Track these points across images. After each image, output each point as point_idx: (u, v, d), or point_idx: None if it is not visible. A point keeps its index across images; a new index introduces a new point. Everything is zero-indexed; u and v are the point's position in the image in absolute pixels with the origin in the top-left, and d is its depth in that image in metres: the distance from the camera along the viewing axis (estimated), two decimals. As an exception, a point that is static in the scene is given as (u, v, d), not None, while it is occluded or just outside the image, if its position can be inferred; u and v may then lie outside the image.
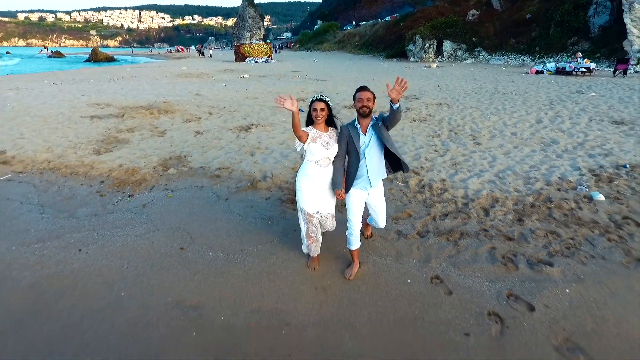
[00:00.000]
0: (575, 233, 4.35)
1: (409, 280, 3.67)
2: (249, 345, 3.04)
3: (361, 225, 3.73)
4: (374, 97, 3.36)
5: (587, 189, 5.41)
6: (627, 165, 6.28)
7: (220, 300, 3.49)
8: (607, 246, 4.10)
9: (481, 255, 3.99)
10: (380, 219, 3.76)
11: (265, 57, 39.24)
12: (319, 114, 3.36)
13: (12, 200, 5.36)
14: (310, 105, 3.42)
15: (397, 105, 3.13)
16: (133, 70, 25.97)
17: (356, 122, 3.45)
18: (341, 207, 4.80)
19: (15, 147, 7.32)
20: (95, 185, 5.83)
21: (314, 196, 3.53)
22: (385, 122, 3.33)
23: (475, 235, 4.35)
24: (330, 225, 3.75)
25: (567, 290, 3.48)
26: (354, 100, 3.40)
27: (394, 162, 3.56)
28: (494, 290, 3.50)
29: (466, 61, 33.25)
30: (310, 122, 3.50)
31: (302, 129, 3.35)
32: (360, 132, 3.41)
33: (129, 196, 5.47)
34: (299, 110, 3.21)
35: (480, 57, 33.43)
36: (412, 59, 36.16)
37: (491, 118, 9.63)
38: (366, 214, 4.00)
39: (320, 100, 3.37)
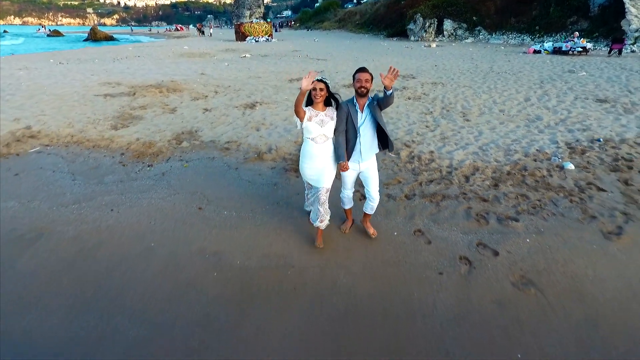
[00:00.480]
0: (542, 196, 4.99)
1: (395, 233, 4.33)
2: (261, 282, 3.72)
3: (353, 190, 4.28)
4: (372, 78, 3.62)
5: (560, 160, 6.03)
6: (601, 139, 6.87)
7: (235, 248, 4.15)
8: (568, 206, 4.75)
9: (458, 214, 4.64)
10: (372, 190, 4.07)
11: (266, 36, 39.24)
12: (318, 93, 3.58)
13: (45, 169, 6.00)
14: None
15: (391, 91, 3.45)
16: (135, 50, 26.23)
17: (355, 100, 3.75)
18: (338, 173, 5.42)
19: (38, 122, 7.91)
20: (117, 157, 6.46)
21: (312, 170, 3.90)
22: (380, 103, 3.73)
23: (455, 197, 4.99)
24: (324, 198, 3.94)
25: (528, 240, 4.14)
26: (353, 80, 3.66)
27: (382, 141, 3.93)
28: (466, 240, 4.17)
29: (466, 40, 33.34)
30: (309, 101, 3.80)
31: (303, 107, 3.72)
32: (358, 110, 3.72)
33: (149, 166, 6.10)
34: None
35: (480, 36, 33.50)
36: (412, 38, 36.19)
37: (482, 96, 10.16)
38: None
39: (320, 81, 3.60)
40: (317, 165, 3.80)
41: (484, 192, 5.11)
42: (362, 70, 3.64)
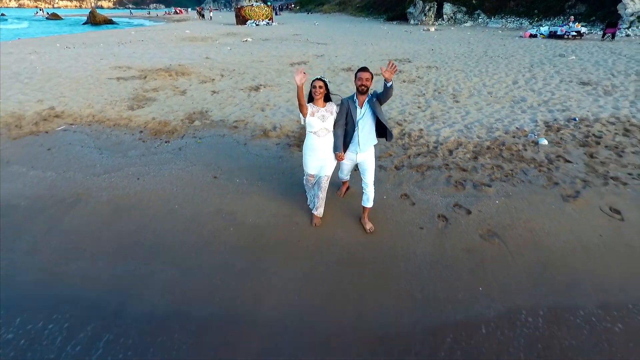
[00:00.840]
0: (515, 166, 5.68)
1: (384, 197, 5.03)
2: (270, 235, 4.45)
3: (349, 176, 4.88)
4: (372, 77, 3.94)
5: (536, 136, 6.69)
6: (577, 119, 7.51)
7: (248, 209, 4.87)
8: (536, 175, 5.44)
9: (440, 181, 5.34)
10: (368, 179, 4.46)
11: (267, 20, 39.33)
12: (317, 91, 3.97)
13: (74, 144, 6.68)
14: (311, 84, 4.06)
15: (390, 83, 3.75)
16: (138, 34, 26.58)
17: (355, 97, 4.10)
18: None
19: (60, 103, 8.55)
20: (136, 134, 7.13)
21: (315, 161, 4.40)
22: (379, 98, 3.98)
23: (438, 168, 5.68)
24: (324, 185, 4.36)
25: (497, 202, 4.85)
26: (355, 78, 3.99)
27: (381, 131, 4.22)
28: (444, 202, 4.88)
29: (465, 24, 33.55)
30: (310, 98, 4.09)
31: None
32: (357, 106, 4.07)
33: (166, 142, 6.77)
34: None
35: (480, 20, 33.71)
36: (412, 21, 36.36)
37: (473, 79, 10.74)
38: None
39: (320, 79, 4.01)
40: (320, 156, 4.23)
41: (464, 163, 5.80)
42: (363, 69, 3.97)
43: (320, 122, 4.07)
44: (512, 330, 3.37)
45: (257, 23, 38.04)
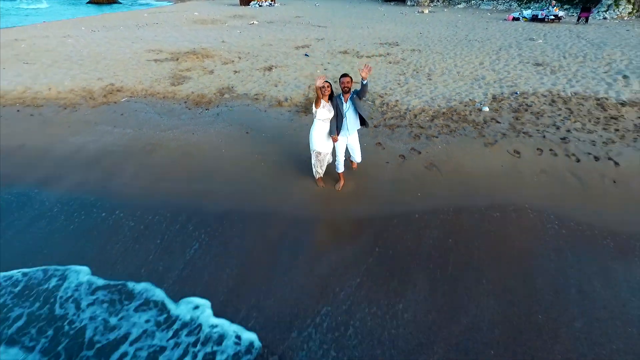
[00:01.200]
0: (459, 125, 8.01)
1: (365, 144, 7.37)
2: (290, 166, 6.82)
3: (344, 159, 6.99)
4: (352, 80, 5.55)
5: (481, 105, 8.98)
6: (518, 92, 9.78)
7: (273, 152, 7.23)
8: (471, 130, 7.78)
9: (404, 134, 7.69)
10: (356, 155, 6.24)
11: (269, 1, 40.86)
12: (325, 90, 5.48)
13: (139, 111, 9.01)
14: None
15: (366, 81, 5.30)
16: (151, 17, 28.45)
17: (341, 95, 5.65)
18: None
19: (117, 81, 10.83)
20: (182, 104, 9.44)
21: (321, 141, 5.89)
22: (358, 94, 5.60)
23: (405, 126, 8.02)
24: (330, 158, 6.59)
25: (439, 147, 7.21)
26: (339, 82, 5.54)
27: (363, 121, 5.87)
28: (405, 147, 7.24)
29: (459, 5, 35.21)
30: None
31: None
32: (343, 102, 5.62)
33: (206, 109, 9.09)
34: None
35: (473, 1, 35.33)
36: (408, 2, 37.94)
37: (447, 61, 12.92)
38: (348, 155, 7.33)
39: (326, 81, 5.53)
40: (325, 137, 5.85)
41: (423, 123, 8.13)
42: (344, 75, 5.54)
43: (328, 112, 5.63)
44: (432, 216, 5.75)
45: (259, 4, 39.60)
